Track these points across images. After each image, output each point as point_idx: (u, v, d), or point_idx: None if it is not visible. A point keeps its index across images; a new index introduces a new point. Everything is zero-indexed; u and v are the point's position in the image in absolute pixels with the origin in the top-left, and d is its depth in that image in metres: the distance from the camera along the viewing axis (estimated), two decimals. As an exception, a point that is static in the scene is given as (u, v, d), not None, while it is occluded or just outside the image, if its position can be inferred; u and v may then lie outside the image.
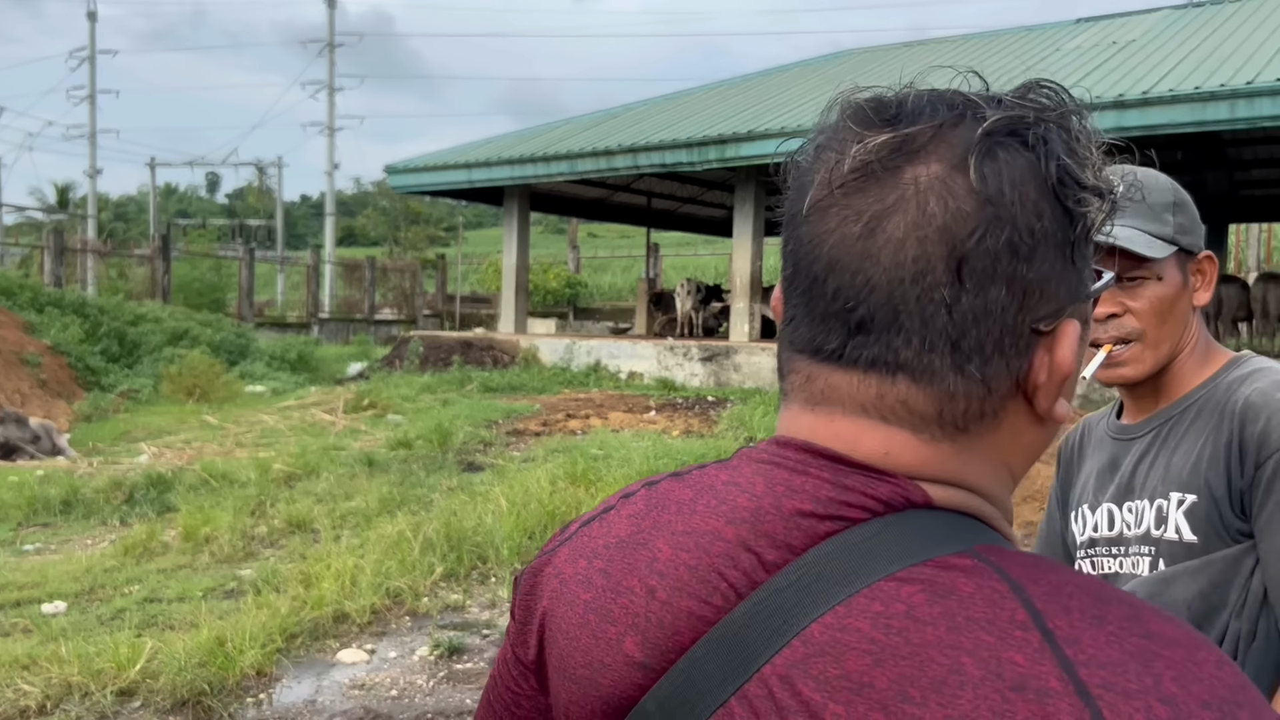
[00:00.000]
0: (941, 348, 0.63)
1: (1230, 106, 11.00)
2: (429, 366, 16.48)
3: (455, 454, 9.51)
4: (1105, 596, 0.60)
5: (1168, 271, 1.42)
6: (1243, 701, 0.56)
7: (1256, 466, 1.35)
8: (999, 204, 0.62)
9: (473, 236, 55.13)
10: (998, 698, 0.55)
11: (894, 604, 0.59)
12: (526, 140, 18.52)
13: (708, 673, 0.64)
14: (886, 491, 0.65)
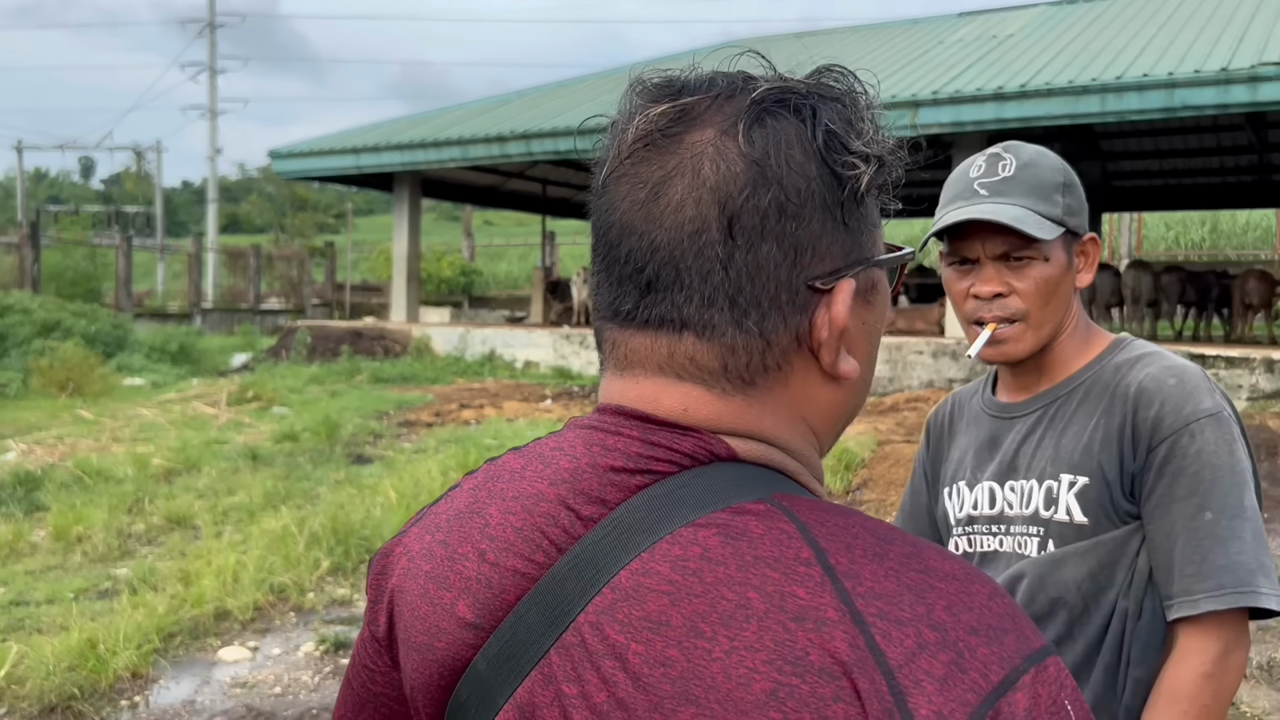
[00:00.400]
0: (720, 303, 0.67)
1: (1101, 100, 11.44)
2: (317, 357, 16.09)
3: (343, 446, 9.31)
4: (888, 537, 0.64)
5: (1054, 253, 1.42)
6: (1008, 629, 0.60)
7: (1149, 450, 1.36)
8: (765, 165, 0.66)
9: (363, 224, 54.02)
10: (780, 628, 0.59)
11: (691, 547, 0.63)
12: (418, 125, 18.19)
13: (530, 626, 0.67)
14: (690, 445, 0.68)
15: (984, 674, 0.57)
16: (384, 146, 16.88)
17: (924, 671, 0.57)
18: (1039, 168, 1.43)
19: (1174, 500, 1.34)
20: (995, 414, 1.56)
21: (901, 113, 12.46)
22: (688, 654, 0.60)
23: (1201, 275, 15.26)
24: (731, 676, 0.59)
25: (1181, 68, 11.23)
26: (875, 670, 0.57)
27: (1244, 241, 27.20)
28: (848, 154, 0.68)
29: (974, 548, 1.52)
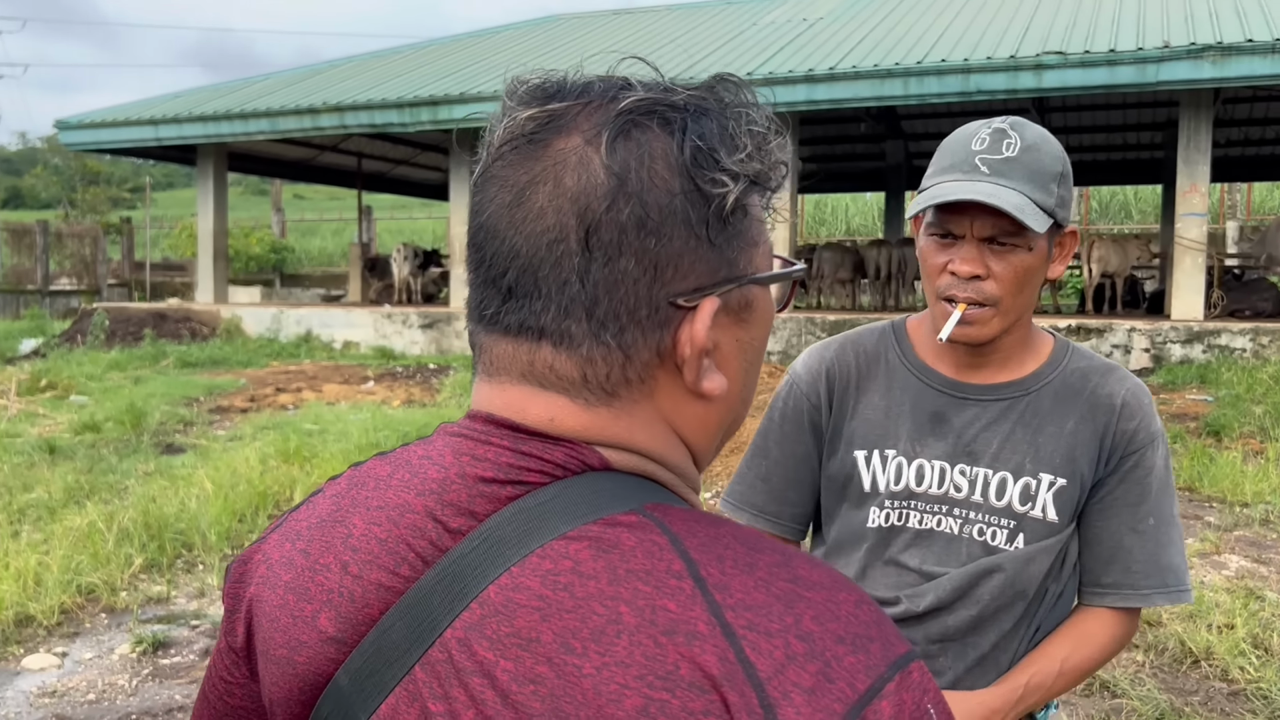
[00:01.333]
0: (577, 314, 0.66)
1: (904, 84, 12.03)
2: (117, 342, 15.15)
3: (152, 436, 8.83)
4: (758, 546, 0.64)
5: (1038, 243, 1.39)
6: (874, 636, 0.61)
7: (1122, 459, 1.45)
8: (626, 179, 0.65)
9: (163, 198, 51.00)
10: (650, 643, 0.59)
11: (562, 561, 0.62)
12: (223, 95, 17.29)
13: (394, 642, 0.65)
14: (562, 455, 0.67)
15: (850, 683, 0.58)
16: (186, 118, 15.99)
17: (793, 683, 0.57)
18: (1041, 153, 1.39)
19: (1126, 504, 1.45)
20: (942, 388, 1.51)
21: (718, 92, 12.75)
22: (558, 671, 0.60)
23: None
24: (603, 693, 0.58)
25: (976, 54, 11.93)
26: (745, 683, 0.57)
27: (1031, 217, 29.15)
28: (717, 170, 0.67)
29: (905, 522, 1.50)
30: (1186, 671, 4.04)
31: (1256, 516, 6.23)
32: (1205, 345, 11.12)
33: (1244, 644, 4.12)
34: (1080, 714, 3.67)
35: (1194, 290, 11.97)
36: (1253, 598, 4.73)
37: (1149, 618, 4.55)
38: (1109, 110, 17.49)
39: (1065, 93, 11.88)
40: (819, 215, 30.98)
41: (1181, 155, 12.08)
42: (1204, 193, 12.05)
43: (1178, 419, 8.78)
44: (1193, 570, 5.25)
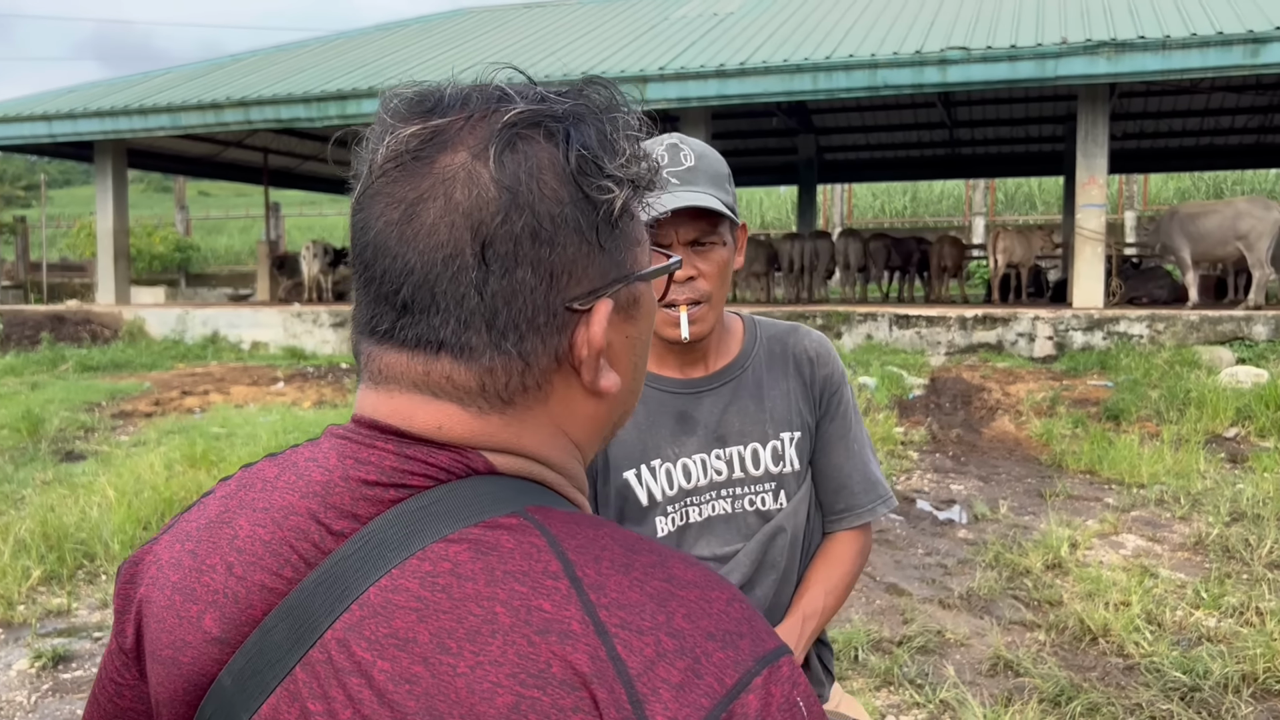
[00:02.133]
0: (477, 326, 0.68)
1: (813, 79, 12.19)
2: (12, 346, 14.59)
3: (49, 443, 8.53)
4: (636, 548, 0.66)
5: (728, 238, 1.55)
6: (744, 632, 0.63)
7: (828, 399, 1.68)
8: (517, 191, 0.67)
9: (60, 196, 49.21)
10: (524, 641, 0.60)
11: (441, 563, 0.64)
12: (120, 90, 16.75)
13: (276, 643, 0.66)
14: (446, 459, 0.69)
15: (719, 678, 0.60)
16: (82, 113, 15.45)
17: (661, 679, 0.59)
18: (712, 159, 1.54)
19: (839, 438, 1.68)
20: (677, 390, 1.62)
21: (630, 88, 12.74)
22: (433, 670, 0.61)
23: (904, 241, 16.62)
24: (475, 691, 0.60)
25: (882, 49, 12.14)
26: (615, 680, 0.59)
27: (940, 209, 29.82)
28: (602, 178, 0.69)
29: (687, 519, 1.60)
30: (1085, 649, 4.18)
31: (1152, 497, 6.47)
32: (1105, 332, 11.50)
33: (1139, 620, 4.28)
34: (985, 694, 3.78)
35: (1094, 279, 12.38)
36: (1147, 575, 4.91)
37: (1050, 598, 4.70)
38: (1012, 104, 17.97)
39: (969, 87, 12.16)
40: (734, 209, 31.24)
41: (1080, 148, 12.47)
42: (1102, 184, 12.46)
43: (1079, 404, 9.08)
44: (1092, 551, 5.44)
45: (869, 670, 4.00)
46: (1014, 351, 11.76)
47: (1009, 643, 4.24)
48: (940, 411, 9.29)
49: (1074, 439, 7.97)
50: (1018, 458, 7.90)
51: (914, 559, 5.50)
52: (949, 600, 4.80)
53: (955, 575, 5.18)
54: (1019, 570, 5.13)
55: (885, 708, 3.72)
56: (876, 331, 12.35)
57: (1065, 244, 15.61)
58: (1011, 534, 5.80)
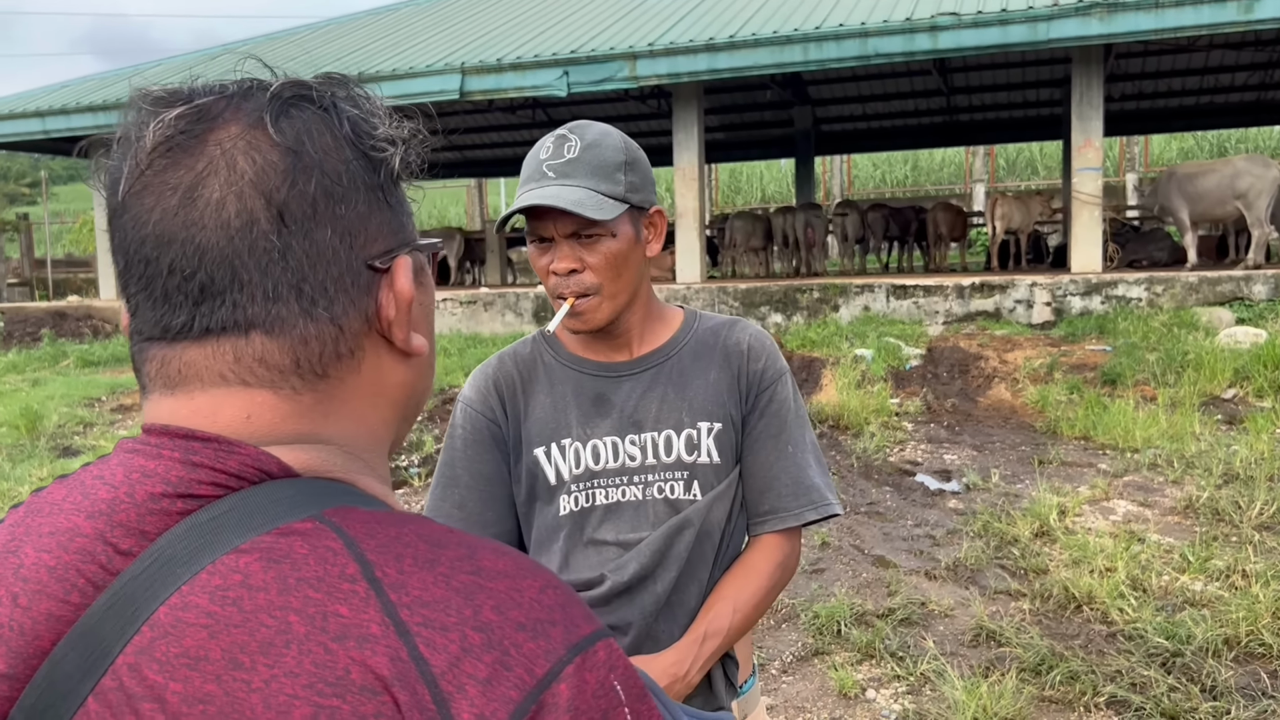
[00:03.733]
0: (285, 296, 0.67)
1: (804, 50, 12.08)
2: (14, 343, 14.65)
3: (48, 439, 8.57)
4: (443, 542, 0.64)
5: (620, 228, 1.52)
6: (558, 620, 0.62)
7: (757, 395, 1.63)
8: (302, 152, 0.67)
9: (64, 192, 49.24)
10: (320, 650, 0.58)
11: (231, 575, 0.61)
12: (112, 84, 16.72)
13: (67, 673, 0.63)
14: (236, 464, 0.66)
15: (529, 669, 0.59)
16: (74, 109, 15.43)
17: (468, 675, 0.57)
18: (602, 148, 1.51)
19: (769, 436, 1.61)
20: (597, 373, 1.62)
21: (621, 64, 12.66)
22: (226, 688, 0.58)
23: (901, 211, 16.52)
24: (271, 705, 0.57)
25: (873, 17, 12.02)
26: (418, 681, 0.57)
27: (941, 177, 29.64)
28: (375, 139, 0.70)
29: (594, 501, 1.59)
30: (1069, 617, 4.17)
31: (1145, 461, 6.44)
32: (1103, 296, 11.43)
33: (1124, 586, 4.27)
34: (965, 665, 3.77)
35: (1092, 243, 12.28)
36: (1135, 540, 4.89)
37: (1036, 566, 4.69)
38: (1008, 69, 17.79)
39: (961, 53, 12.03)
40: (734, 184, 31.10)
41: (1075, 111, 12.34)
42: (1098, 147, 12.34)
43: (1076, 370, 9.03)
44: (1081, 517, 5.42)
45: (850, 644, 4.00)
46: (1012, 319, 11.70)
47: (993, 612, 4.23)
48: (937, 381, 9.26)
49: (1069, 405, 7.94)
50: (1013, 425, 7.87)
51: (903, 530, 5.49)
52: (935, 571, 4.79)
53: (943, 546, 5.17)
54: (1007, 539, 5.12)
55: (866, 681, 3.73)
56: (874, 303, 12.30)
57: (1064, 209, 15.49)
58: (1001, 503, 5.79)
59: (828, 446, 7.38)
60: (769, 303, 12.63)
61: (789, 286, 12.70)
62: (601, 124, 1.57)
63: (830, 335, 10.95)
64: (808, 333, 11.12)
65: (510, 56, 13.29)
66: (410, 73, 13.57)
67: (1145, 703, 3.36)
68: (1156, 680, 3.48)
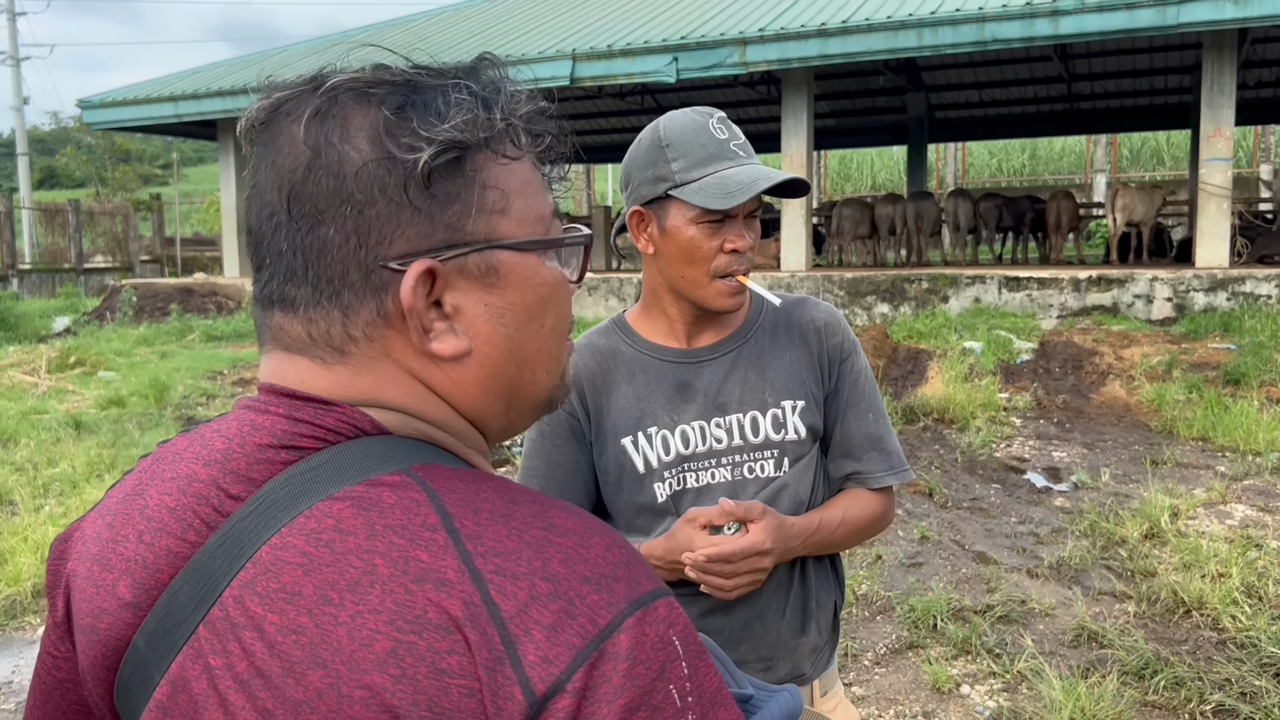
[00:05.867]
0: (297, 280, 0.72)
1: (918, 35, 11.85)
2: (145, 317, 15.39)
3: (174, 410, 9.00)
4: (518, 499, 0.68)
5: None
6: (621, 576, 0.65)
7: (838, 367, 1.68)
8: (319, 151, 0.70)
9: (193, 173, 51.39)
10: (401, 590, 0.63)
11: (325, 520, 0.67)
12: (240, 70, 17.38)
13: (182, 604, 0.70)
14: (334, 421, 0.72)
15: (591, 619, 0.62)
16: (205, 93, 16.10)
17: (534, 620, 0.62)
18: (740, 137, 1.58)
19: (853, 406, 1.68)
20: (678, 360, 1.64)
21: (731, 50, 12.62)
22: (317, 620, 0.64)
23: (1016, 200, 16.06)
24: (355, 638, 0.63)
25: (991, 2, 11.71)
26: (489, 623, 0.61)
27: (1060, 167, 28.71)
28: (411, 137, 0.70)
29: (685, 485, 1.62)
30: (1177, 621, 4.04)
31: (1268, 465, 6.18)
32: (1229, 293, 10.95)
33: (1237, 593, 4.11)
34: (1064, 665, 3.69)
35: (1219, 237, 11.77)
36: (1252, 545, 4.71)
37: (1144, 569, 4.55)
38: (1134, 54, 17.12)
39: (1084, 38, 11.63)
40: (844, 171, 30.67)
41: (1205, 99, 11.83)
42: (1229, 137, 11.81)
43: (1197, 368, 8.69)
44: (1195, 520, 5.23)
45: (946, 639, 3.95)
46: (1130, 314, 11.30)
47: (1096, 614, 4.13)
48: (1048, 376, 9.01)
49: (1188, 404, 7.64)
50: (1126, 424, 7.63)
51: (1006, 527, 5.38)
52: (1037, 569, 4.69)
53: (1047, 544, 5.06)
54: (1114, 540, 4.98)
55: (960, 676, 3.68)
56: (985, 295, 12.02)
57: (1190, 200, 14.87)
58: (1110, 502, 5.63)
59: (931, 440, 7.27)
60: (875, 292, 12.46)
61: (897, 276, 12.50)
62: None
63: (938, 327, 10.75)
64: (915, 324, 10.94)
65: (620, 43, 13.36)
66: (523, 59, 13.74)
67: (1255, 713, 3.24)
68: (1268, 690, 3.36)
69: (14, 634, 4.43)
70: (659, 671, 0.63)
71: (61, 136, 70.53)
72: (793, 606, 1.64)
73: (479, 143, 0.72)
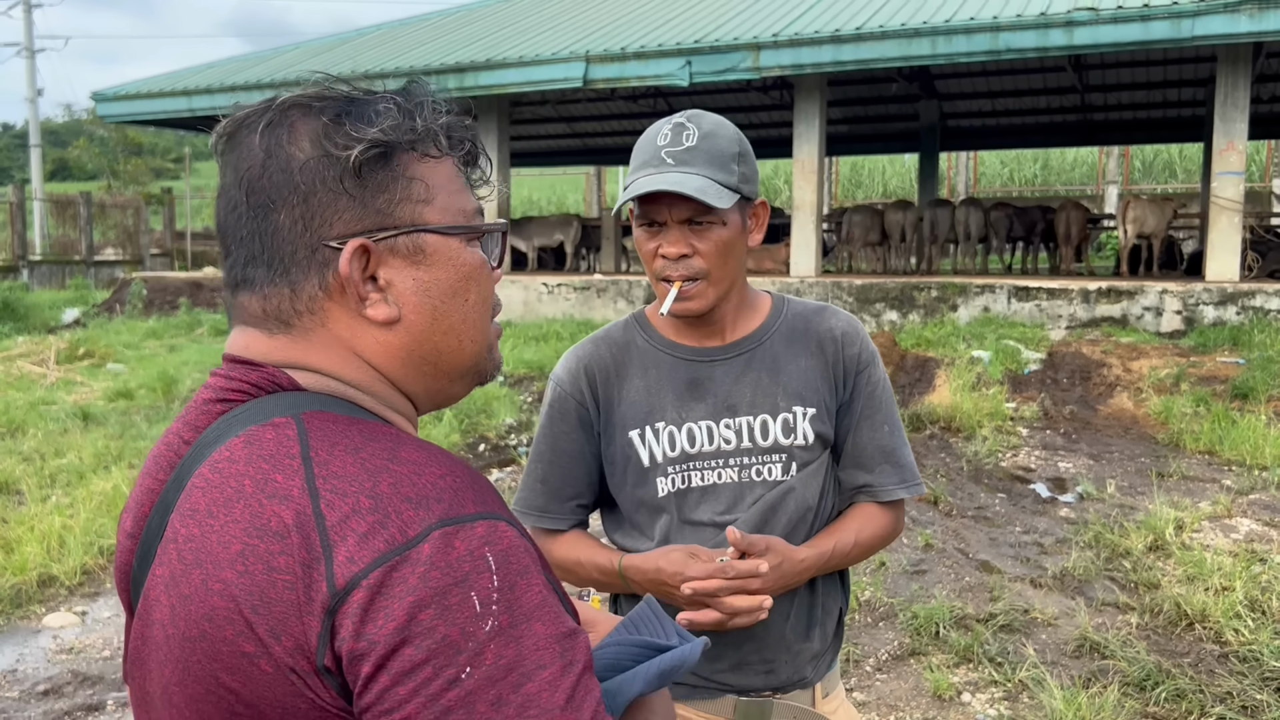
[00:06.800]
0: (255, 261, 0.87)
1: (932, 43, 11.83)
2: (155, 310, 15.45)
3: (181, 402, 9.02)
4: (376, 437, 0.81)
5: (730, 217, 1.56)
6: (445, 499, 0.76)
7: (855, 378, 1.68)
8: (272, 152, 0.86)
9: (205, 168, 51.49)
10: (257, 504, 0.77)
11: (224, 452, 0.82)
12: (253, 66, 17.42)
13: (153, 528, 0.86)
14: (257, 378, 0.87)
15: (402, 530, 0.73)
16: (218, 88, 16.13)
17: (351, 529, 0.74)
18: (718, 138, 1.55)
19: (868, 417, 1.68)
20: (691, 358, 1.65)
21: (744, 54, 12.62)
22: (203, 529, 0.79)
23: (1027, 211, 16.02)
24: (220, 543, 0.77)
25: (1005, 11, 11.70)
26: (314, 529, 0.74)
27: (1071, 178, 28.63)
28: (344, 137, 0.85)
29: (690, 483, 1.62)
30: (1180, 634, 4.04)
31: (1274, 480, 6.16)
32: (1239, 307, 10.92)
33: (1240, 607, 4.10)
34: (1066, 675, 3.69)
35: (1230, 251, 11.73)
36: (1256, 560, 4.70)
37: (1148, 580, 4.55)
38: (1148, 67, 17.08)
39: (1098, 49, 11.62)
40: (855, 177, 30.64)
41: (1218, 112, 11.80)
42: (1241, 151, 11.77)
43: (1205, 382, 8.66)
44: (1200, 533, 5.22)
45: (948, 646, 3.95)
46: (1140, 326, 11.28)
47: (1099, 624, 4.12)
48: (1056, 387, 9.00)
49: (1195, 418, 7.62)
50: (1133, 436, 7.61)
51: (1010, 537, 5.38)
52: (1041, 579, 4.69)
53: (1051, 554, 5.05)
54: (1118, 551, 4.97)
55: (962, 684, 3.68)
56: (994, 304, 12.00)
57: (1202, 214, 14.82)
58: (1115, 514, 5.62)
59: (937, 448, 7.26)
60: (884, 299, 12.45)
61: (906, 284, 12.49)
62: (714, 114, 1.60)
63: (947, 335, 10.74)
64: (923, 332, 10.93)
65: (634, 45, 13.37)
66: (536, 60, 13.78)
67: (1256, 727, 3.24)
68: (1270, 704, 3.35)
69: (19, 623, 4.45)
70: (460, 579, 0.72)
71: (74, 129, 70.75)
72: (798, 611, 1.64)
73: (404, 143, 0.87)
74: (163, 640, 0.81)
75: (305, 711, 0.74)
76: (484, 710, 0.70)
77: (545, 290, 14.30)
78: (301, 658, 0.73)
